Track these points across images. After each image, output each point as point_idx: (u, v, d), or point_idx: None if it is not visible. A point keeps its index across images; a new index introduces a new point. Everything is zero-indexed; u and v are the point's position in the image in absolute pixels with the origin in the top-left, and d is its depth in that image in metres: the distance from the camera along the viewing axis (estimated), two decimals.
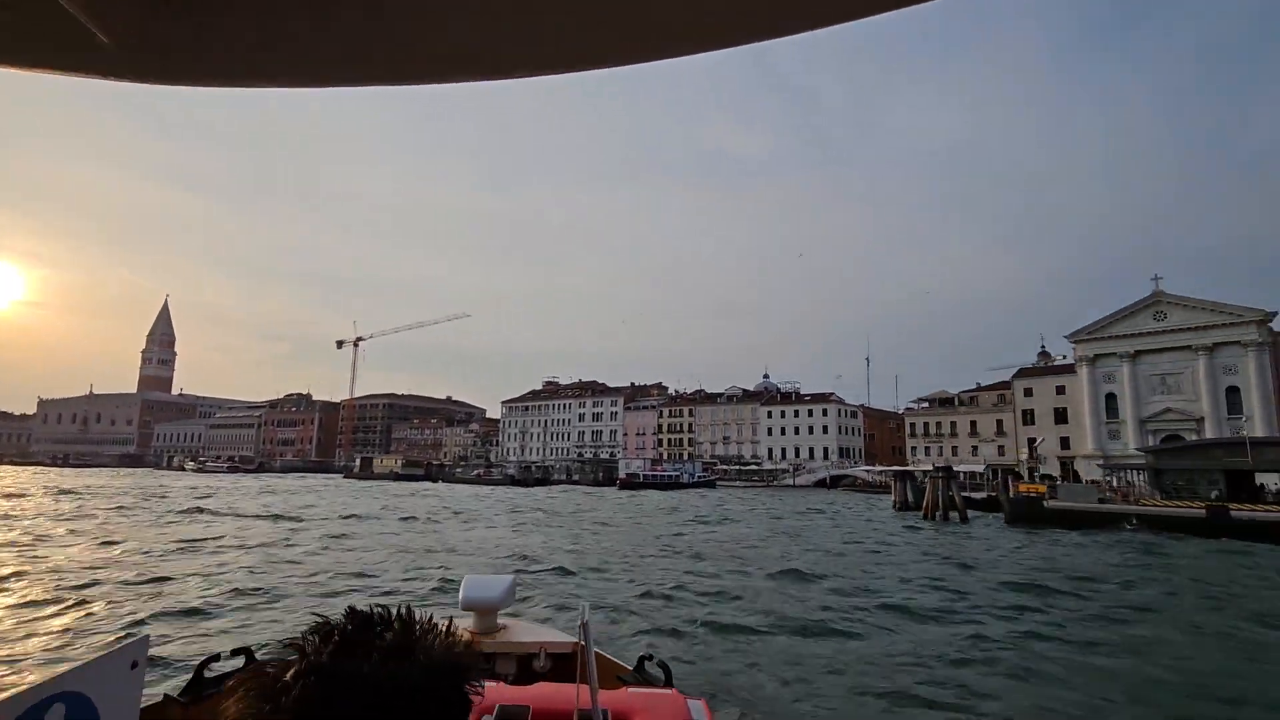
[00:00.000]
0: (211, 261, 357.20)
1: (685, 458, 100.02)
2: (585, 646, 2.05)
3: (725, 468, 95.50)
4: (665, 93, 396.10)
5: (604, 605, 11.95)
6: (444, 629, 0.79)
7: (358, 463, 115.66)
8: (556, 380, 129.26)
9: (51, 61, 0.90)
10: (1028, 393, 75.11)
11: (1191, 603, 14.35)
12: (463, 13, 0.83)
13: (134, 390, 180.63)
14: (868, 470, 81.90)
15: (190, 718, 2.84)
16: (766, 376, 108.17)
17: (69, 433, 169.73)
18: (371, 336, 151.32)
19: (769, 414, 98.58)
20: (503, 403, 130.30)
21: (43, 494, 42.19)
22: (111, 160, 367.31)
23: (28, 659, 8.24)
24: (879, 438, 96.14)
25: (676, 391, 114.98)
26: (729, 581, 15.09)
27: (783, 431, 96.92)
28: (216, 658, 3.11)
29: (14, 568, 14.49)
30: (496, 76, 0.93)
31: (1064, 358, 75.61)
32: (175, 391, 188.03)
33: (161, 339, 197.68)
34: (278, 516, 29.68)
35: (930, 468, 49.49)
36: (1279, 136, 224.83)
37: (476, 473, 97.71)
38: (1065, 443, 69.86)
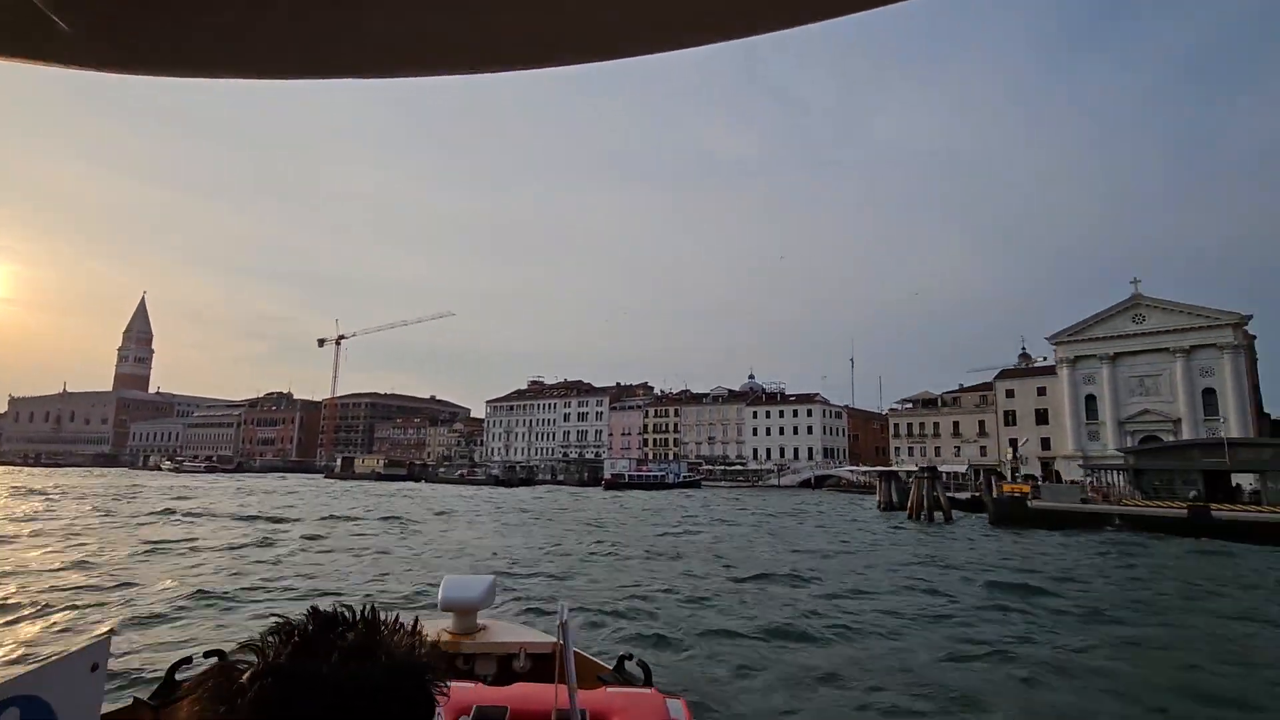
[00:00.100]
0: (190, 258, 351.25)
1: (671, 458, 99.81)
2: (564, 646, 2.08)
3: (710, 468, 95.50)
4: (651, 93, 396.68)
5: (585, 607, 11.68)
6: (409, 629, 0.76)
7: (339, 463, 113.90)
8: (541, 380, 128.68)
9: (8, 48, 0.86)
10: (1009, 394, 75.91)
11: (1190, 602, 14.38)
12: (440, 2, 0.80)
13: (109, 388, 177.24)
14: (852, 470, 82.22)
15: None
16: (752, 377, 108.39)
17: (41, 431, 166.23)
18: (354, 335, 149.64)
19: (754, 414, 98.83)
20: (487, 402, 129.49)
21: (9, 494, 41.06)
22: (83, 153, 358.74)
23: None
24: (863, 438, 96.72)
25: (662, 391, 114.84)
26: (713, 583, 14.88)
27: (768, 432, 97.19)
28: (188, 660, 3.02)
29: None
30: (476, 70, 0.90)
31: (1044, 359, 76.52)
32: (152, 390, 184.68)
33: (138, 336, 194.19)
34: (254, 517, 29.04)
35: (914, 468, 49.74)
36: (1259, 142, 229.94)
37: (460, 473, 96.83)
38: (1046, 443, 70.65)
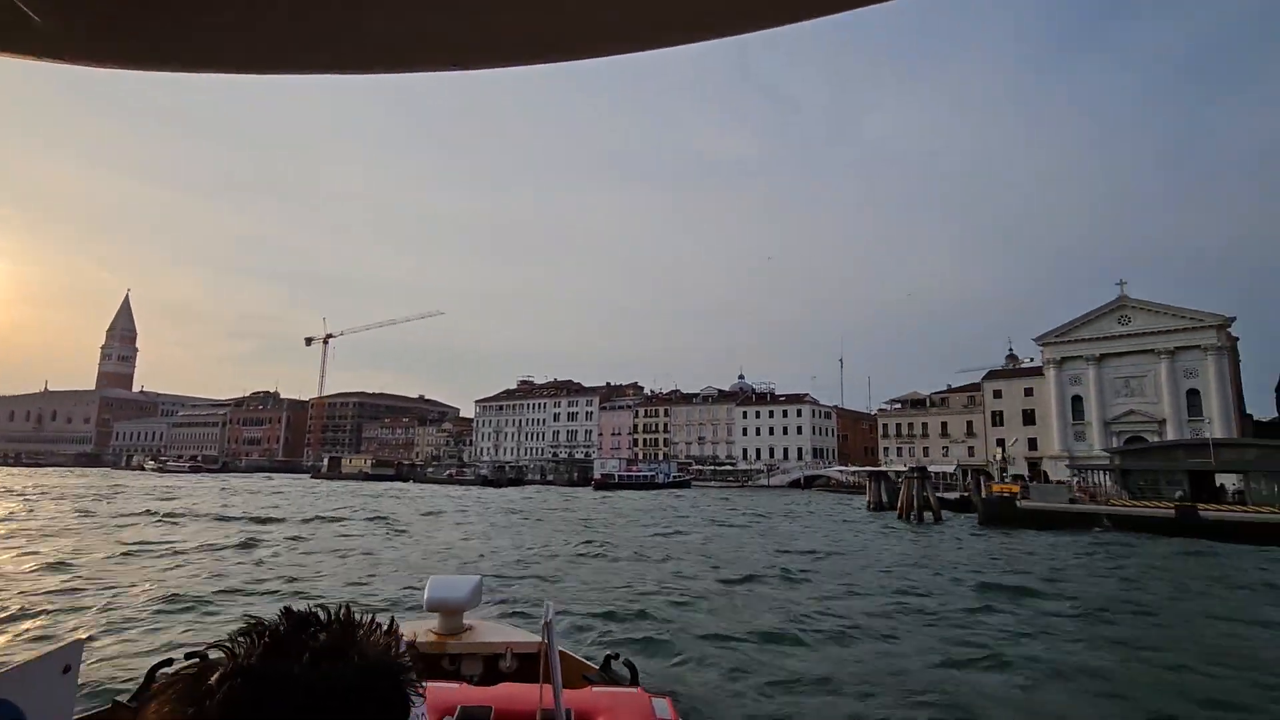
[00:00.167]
0: (175, 256, 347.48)
1: (661, 458, 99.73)
2: (549, 646, 2.07)
3: (700, 468, 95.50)
4: (646, 94, 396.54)
5: (573, 610, 11.48)
6: (384, 629, 0.75)
7: (326, 462, 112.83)
8: (531, 379, 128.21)
9: None
10: (997, 394, 76.42)
11: (1179, 603, 14.41)
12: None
13: (92, 387, 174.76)
14: (841, 470, 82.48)
15: None
16: (742, 377, 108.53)
17: (22, 430, 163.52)
18: (342, 334, 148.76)
19: (744, 414, 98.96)
20: (476, 402, 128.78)
21: None
22: (65, 149, 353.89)
23: None
24: (852, 438, 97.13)
25: (652, 391, 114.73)
26: (702, 584, 14.72)
27: (758, 432, 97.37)
28: (169, 663, 2.95)
29: None
30: (472, 66, 0.88)
31: (1031, 360, 77.16)
32: (136, 389, 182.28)
33: (122, 334, 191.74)
34: (238, 518, 28.60)
35: (903, 468, 49.86)
36: (1259, 142, 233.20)
37: (449, 473, 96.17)
38: (1033, 444, 71.20)
